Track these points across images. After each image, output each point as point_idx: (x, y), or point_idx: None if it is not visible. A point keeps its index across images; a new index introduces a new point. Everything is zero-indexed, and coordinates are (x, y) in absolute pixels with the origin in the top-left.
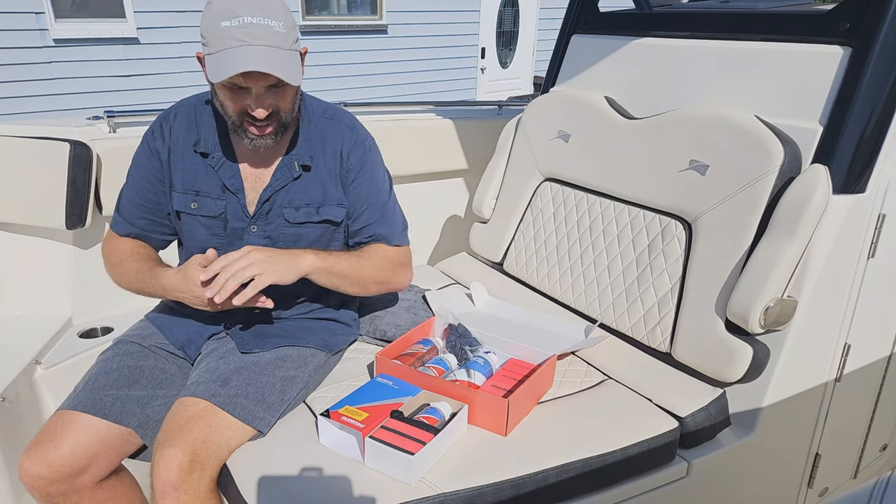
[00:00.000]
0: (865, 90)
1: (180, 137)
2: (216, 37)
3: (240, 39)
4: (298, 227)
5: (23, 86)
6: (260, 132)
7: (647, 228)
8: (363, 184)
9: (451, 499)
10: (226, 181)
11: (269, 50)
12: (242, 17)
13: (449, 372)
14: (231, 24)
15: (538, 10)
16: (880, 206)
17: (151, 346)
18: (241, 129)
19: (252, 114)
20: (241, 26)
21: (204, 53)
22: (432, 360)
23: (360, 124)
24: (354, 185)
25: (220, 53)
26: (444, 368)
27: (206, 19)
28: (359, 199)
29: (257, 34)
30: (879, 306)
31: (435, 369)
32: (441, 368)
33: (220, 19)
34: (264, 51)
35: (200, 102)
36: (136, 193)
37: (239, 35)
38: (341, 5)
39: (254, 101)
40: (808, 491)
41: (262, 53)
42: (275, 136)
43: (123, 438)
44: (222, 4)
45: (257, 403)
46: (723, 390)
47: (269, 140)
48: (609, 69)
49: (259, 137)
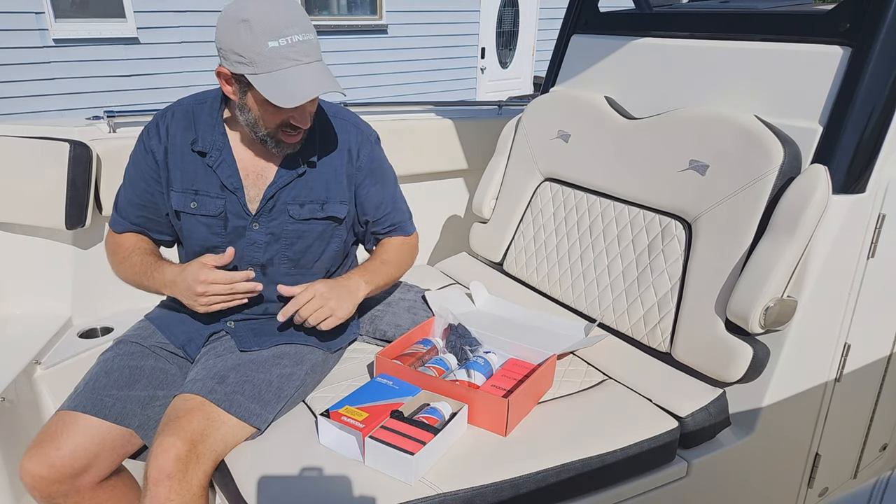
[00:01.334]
0: (865, 90)
1: (178, 136)
2: (265, 57)
3: (292, 59)
4: (302, 224)
5: (23, 86)
6: (296, 140)
7: (646, 228)
8: (377, 179)
9: (451, 499)
10: (224, 180)
11: (319, 66)
12: (290, 36)
13: (449, 372)
14: (280, 45)
15: (538, 10)
16: (880, 206)
17: (152, 347)
18: (274, 140)
19: (296, 125)
20: (290, 45)
21: (245, 73)
22: (432, 360)
23: (362, 121)
24: (368, 181)
25: (274, 75)
26: (444, 368)
27: (244, 38)
28: (373, 193)
29: (306, 51)
30: (879, 306)
31: (435, 369)
32: (441, 368)
33: (266, 39)
34: (315, 68)
35: (198, 102)
36: (133, 193)
37: (290, 55)
38: (341, 5)
39: (300, 113)
40: (808, 491)
41: (317, 71)
42: (302, 140)
43: (124, 439)
44: (264, 24)
45: (254, 400)
46: (723, 390)
47: (298, 144)
48: (609, 69)
49: (292, 145)
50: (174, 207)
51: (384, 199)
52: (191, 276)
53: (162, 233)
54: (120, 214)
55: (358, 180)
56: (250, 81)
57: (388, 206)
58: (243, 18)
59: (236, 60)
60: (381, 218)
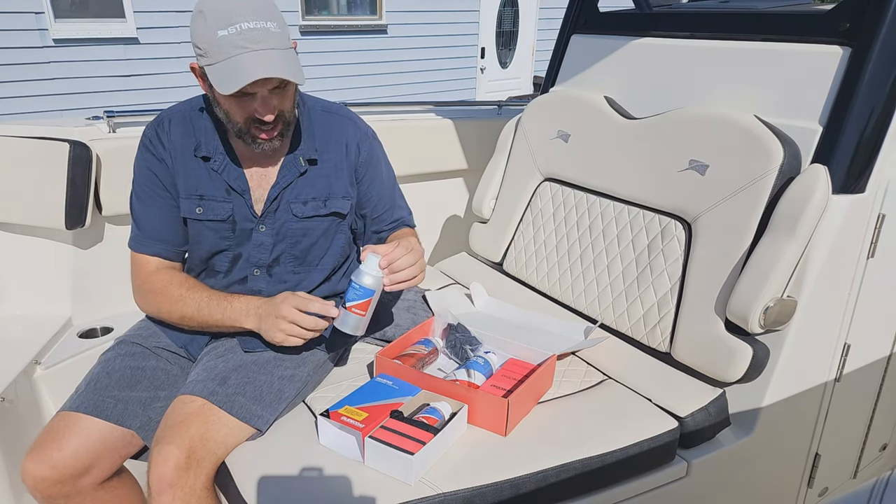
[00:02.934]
0: (865, 90)
1: (178, 143)
2: (215, 47)
3: (241, 46)
4: (307, 222)
5: (22, 86)
6: (269, 136)
7: (646, 228)
8: (377, 174)
9: (451, 499)
10: (231, 182)
11: (272, 53)
12: (239, 23)
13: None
14: (229, 33)
15: (538, 10)
16: (880, 206)
17: (153, 347)
18: (249, 136)
19: (261, 118)
20: (239, 33)
21: (202, 64)
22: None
23: (358, 117)
24: (369, 176)
25: (222, 64)
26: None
27: (199, 29)
28: (373, 188)
29: (256, 38)
30: (879, 306)
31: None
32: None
33: (216, 29)
34: (268, 55)
35: (192, 109)
36: (155, 206)
37: (239, 42)
38: (341, 5)
39: (260, 105)
40: (808, 491)
41: (268, 58)
42: (281, 138)
43: (125, 440)
44: (215, 14)
45: (255, 402)
46: (723, 390)
47: (276, 142)
48: (609, 69)
49: (268, 141)
50: (181, 214)
51: (384, 195)
52: (279, 301)
53: (186, 242)
54: (144, 233)
55: (359, 175)
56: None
57: (388, 202)
58: (200, 10)
59: (198, 53)
60: (383, 214)
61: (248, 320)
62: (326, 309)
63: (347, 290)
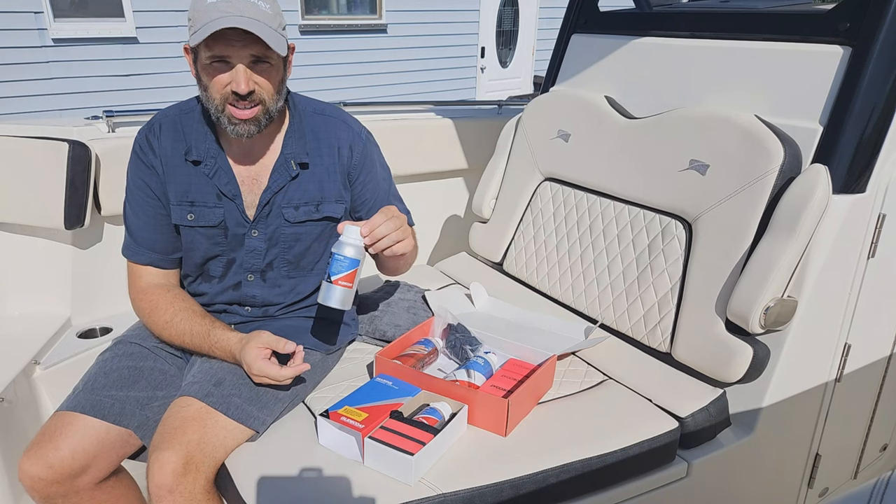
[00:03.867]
0: (865, 90)
1: (168, 149)
2: (201, 13)
3: (223, 11)
4: (299, 227)
5: (21, 85)
6: (244, 116)
7: (647, 228)
8: (371, 176)
9: (451, 499)
10: (222, 187)
11: (253, 20)
12: None
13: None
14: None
15: (538, 9)
16: (880, 206)
17: (151, 347)
18: (225, 116)
19: (236, 91)
20: (226, 0)
21: (189, 37)
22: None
23: (352, 118)
24: (363, 178)
25: (204, 27)
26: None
27: (192, 4)
28: (368, 189)
29: (242, 8)
30: (879, 306)
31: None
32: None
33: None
34: (248, 20)
35: (183, 112)
36: (145, 214)
37: (224, 8)
38: (340, 5)
39: (236, 74)
40: (808, 491)
41: (246, 21)
42: (258, 124)
43: (123, 439)
44: None
45: (251, 403)
46: (723, 390)
47: (252, 127)
48: (609, 69)
49: (243, 123)
50: (173, 221)
51: (379, 196)
52: (249, 359)
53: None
54: (137, 241)
55: (353, 178)
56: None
57: (384, 204)
58: None
59: (190, 30)
60: None
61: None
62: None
63: (330, 264)
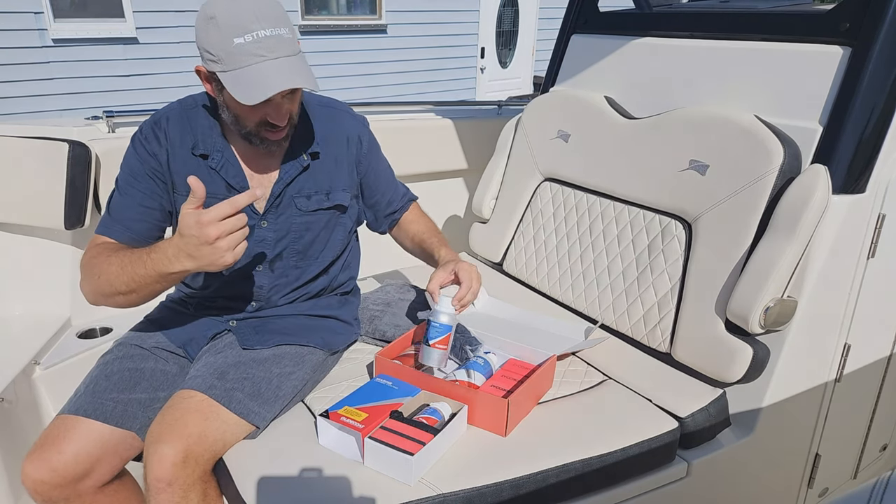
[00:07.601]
0: (865, 90)
1: (176, 140)
2: (231, 55)
3: (258, 55)
4: (310, 216)
5: (22, 86)
6: (278, 137)
7: (646, 228)
8: (379, 161)
9: (451, 499)
10: (230, 180)
11: (287, 61)
12: (255, 31)
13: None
14: (245, 41)
15: (538, 9)
16: (880, 206)
17: (152, 348)
18: (258, 137)
19: (273, 122)
20: (255, 41)
21: (214, 70)
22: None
23: (350, 107)
24: (374, 165)
25: (240, 72)
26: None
27: (212, 36)
28: (381, 176)
29: (272, 46)
30: (879, 306)
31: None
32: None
33: (231, 36)
34: (285, 63)
35: (189, 107)
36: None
37: (256, 51)
38: (340, 5)
39: (274, 111)
40: (808, 491)
41: (286, 66)
42: (287, 137)
43: (126, 442)
44: (228, 21)
45: (252, 398)
46: (723, 390)
47: (284, 143)
48: (609, 69)
49: (276, 142)
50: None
51: (389, 179)
52: (193, 230)
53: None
54: (114, 218)
55: (364, 165)
56: (220, 79)
57: (392, 184)
58: (211, 16)
59: (209, 59)
60: (392, 196)
61: (178, 263)
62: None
63: (428, 330)
